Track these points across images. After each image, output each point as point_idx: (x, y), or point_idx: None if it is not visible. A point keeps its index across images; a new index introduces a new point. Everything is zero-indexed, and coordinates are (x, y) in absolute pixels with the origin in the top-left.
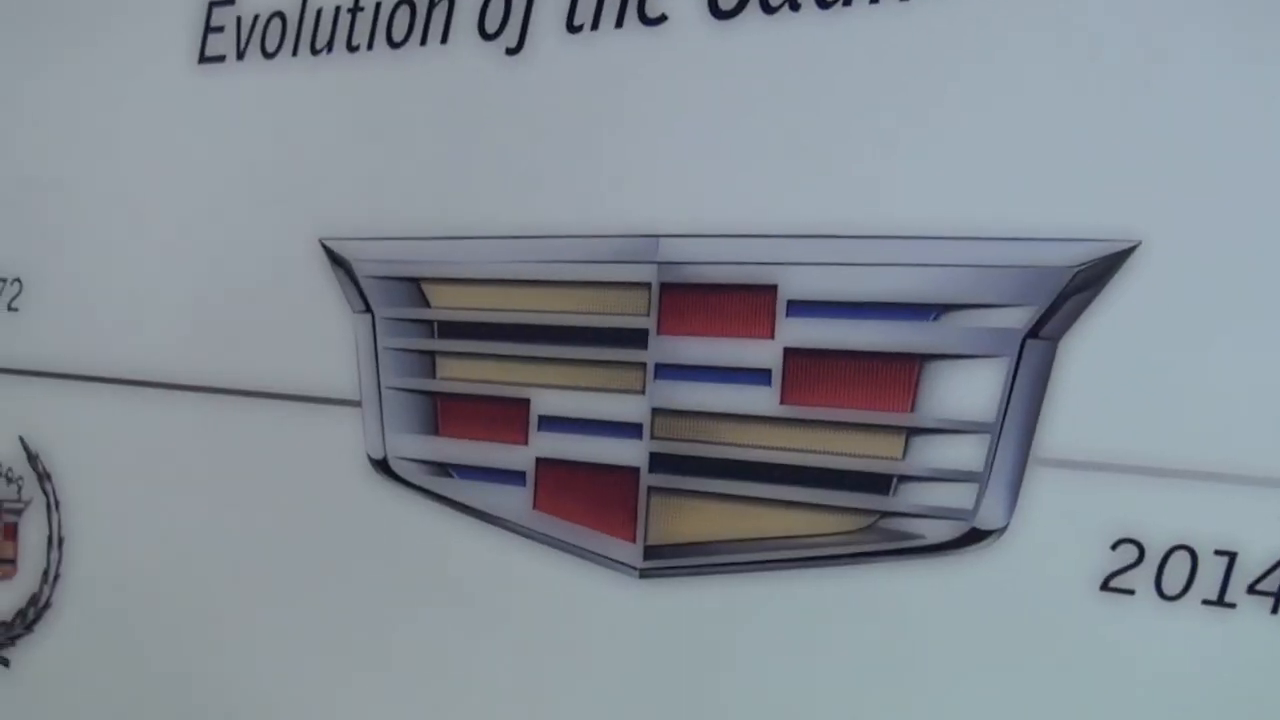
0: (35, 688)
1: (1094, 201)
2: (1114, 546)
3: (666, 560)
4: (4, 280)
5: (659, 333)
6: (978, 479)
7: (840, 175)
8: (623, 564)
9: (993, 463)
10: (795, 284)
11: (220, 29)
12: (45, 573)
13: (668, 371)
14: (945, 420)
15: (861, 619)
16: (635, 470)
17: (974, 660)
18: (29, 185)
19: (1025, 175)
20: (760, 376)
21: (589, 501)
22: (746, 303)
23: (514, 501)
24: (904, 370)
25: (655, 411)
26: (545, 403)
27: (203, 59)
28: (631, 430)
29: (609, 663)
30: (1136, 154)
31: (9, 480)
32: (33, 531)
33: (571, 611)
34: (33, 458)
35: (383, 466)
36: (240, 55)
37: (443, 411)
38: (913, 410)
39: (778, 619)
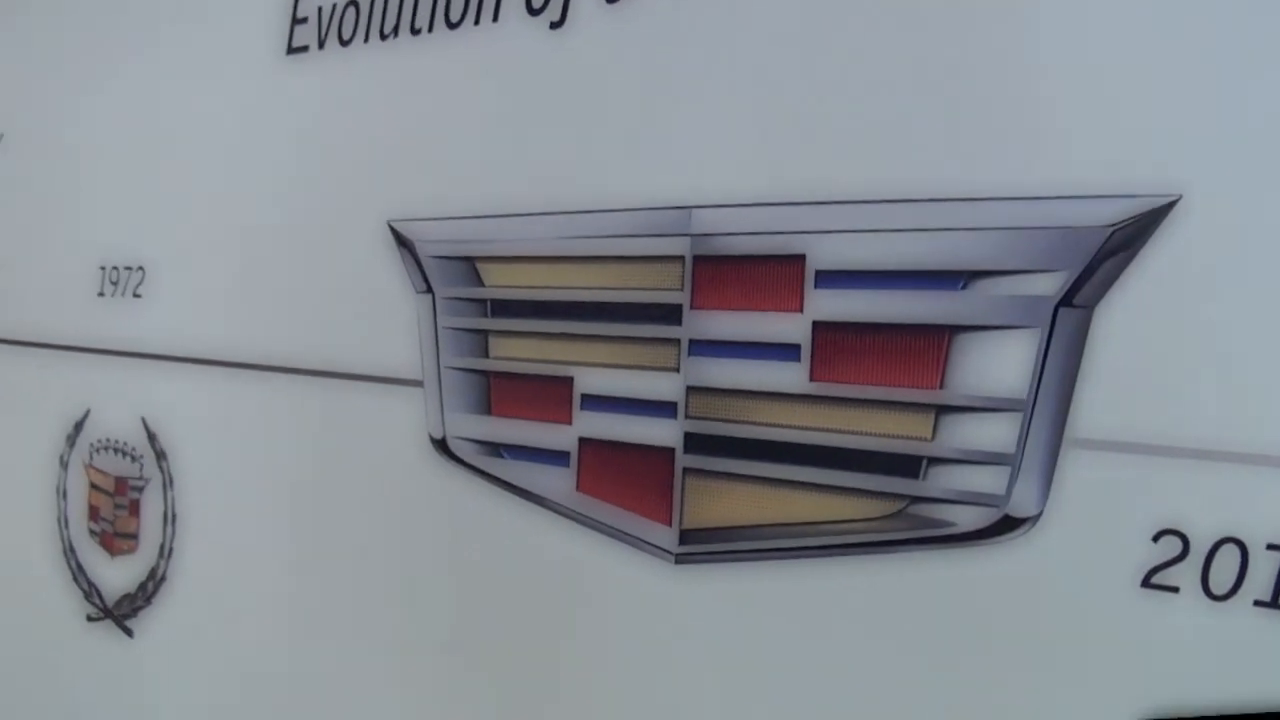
0: (156, 656)
1: (1129, 153)
2: (1156, 539)
3: (701, 545)
4: (129, 269)
5: (692, 307)
6: (1009, 461)
7: (866, 138)
8: (660, 548)
9: (1025, 444)
10: (823, 253)
11: (304, 20)
12: (161, 547)
13: (701, 348)
14: (975, 397)
15: (883, 613)
16: (670, 451)
17: (1004, 663)
18: (149, 180)
19: (1052, 128)
20: (789, 352)
21: (627, 483)
22: (775, 274)
23: (558, 482)
24: (932, 343)
25: (690, 390)
26: (587, 381)
27: (290, 50)
28: (667, 409)
29: (645, 653)
30: (1173, 100)
31: (133, 459)
32: (152, 509)
33: (608, 599)
34: (152, 437)
35: (442, 446)
36: (321, 44)
37: (495, 391)
38: (942, 386)
39: (807, 611)
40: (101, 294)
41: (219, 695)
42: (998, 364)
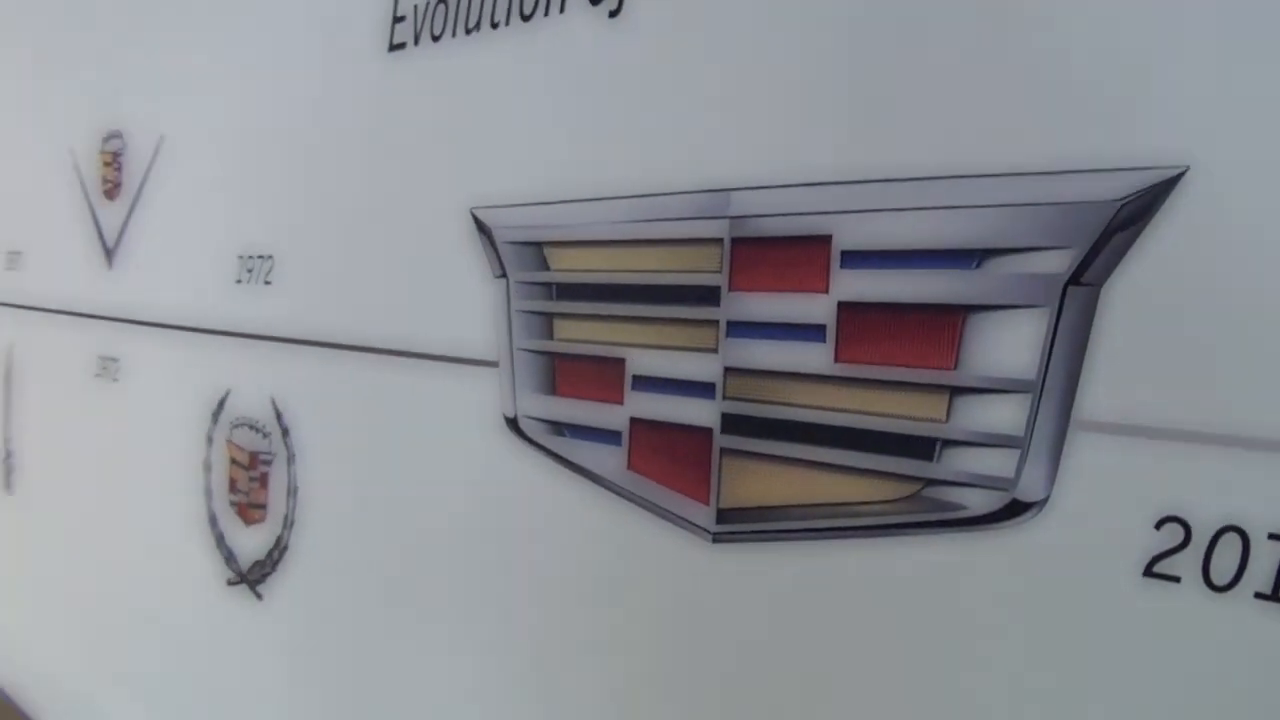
0: (282, 618)
1: (1132, 124)
2: (1158, 526)
3: (736, 525)
4: (261, 257)
5: (730, 289)
6: (1018, 444)
7: (886, 117)
8: (699, 527)
9: (1034, 426)
10: (848, 233)
11: (403, 19)
12: (285, 518)
13: (738, 329)
14: (987, 378)
15: (892, 596)
16: (709, 431)
17: (1006, 650)
18: (275, 174)
19: (1060, 101)
20: (816, 333)
21: (672, 463)
22: (805, 254)
23: (611, 461)
24: (948, 323)
25: (727, 370)
26: (637, 362)
27: (391, 48)
28: (707, 390)
29: (682, 628)
30: (1178, 67)
31: (263, 435)
32: (278, 481)
33: (650, 576)
34: (278, 414)
35: (513, 425)
36: (416, 41)
37: (558, 371)
38: (956, 367)
39: (827, 591)
40: (239, 281)
41: (331, 656)
42: (1008, 344)
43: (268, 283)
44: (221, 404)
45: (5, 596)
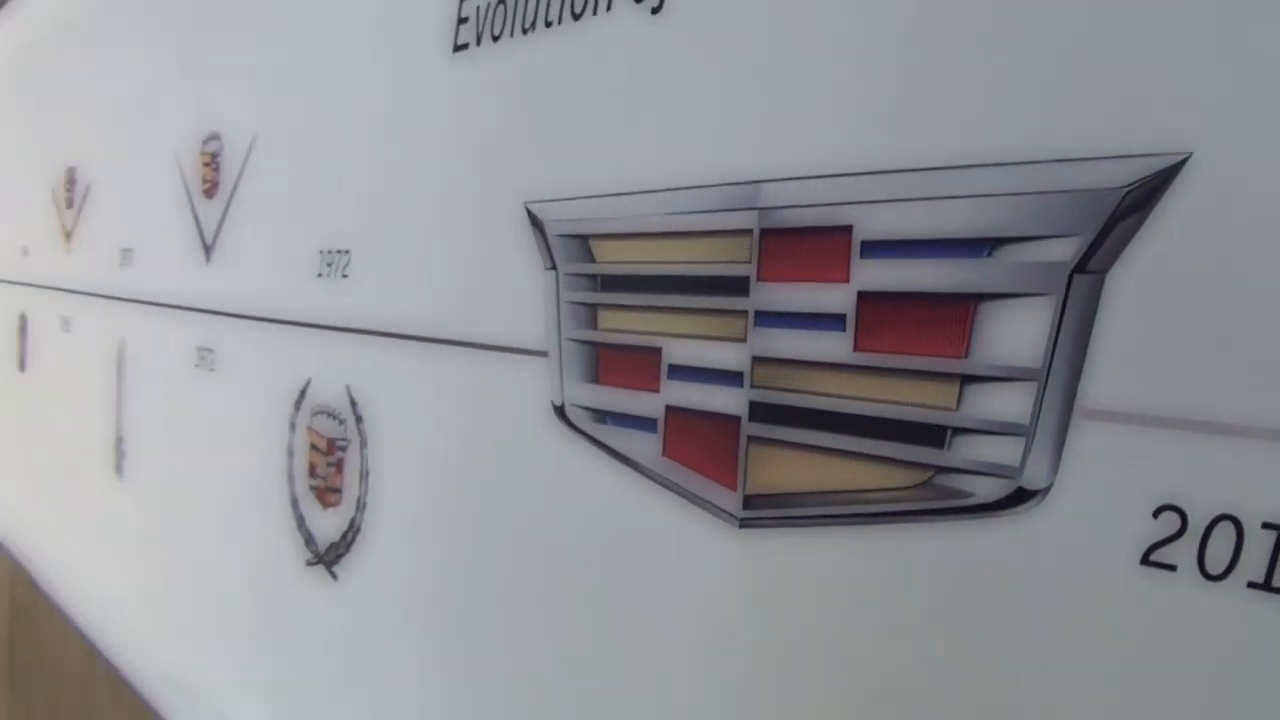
0: (357, 597)
1: (1134, 111)
2: (1156, 514)
3: (762, 511)
4: (339, 252)
5: (759, 279)
6: (1024, 432)
7: (908, 109)
8: (727, 513)
9: (1039, 414)
10: (869, 223)
11: (466, 20)
12: (358, 501)
13: (765, 319)
14: (995, 366)
15: (900, 581)
16: (738, 419)
17: (1007, 638)
18: (352, 169)
19: (1063, 88)
20: (836, 322)
21: (703, 449)
22: (828, 245)
23: (648, 448)
24: (959, 312)
25: (755, 359)
26: (673, 352)
27: (456, 48)
28: (736, 379)
29: (710, 614)
30: (1180, 53)
31: (339, 421)
32: (352, 466)
33: (679, 561)
34: (353, 402)
35: (560, 412)
36: (478, 41)
37: (601, 361)
38: (966, 356)
39: (843, 576)
40: (320, 275)
41: (398, 635)
42: (1016, 333)
43: (345, 276)
44: (303, 392)
45: (118, 575)
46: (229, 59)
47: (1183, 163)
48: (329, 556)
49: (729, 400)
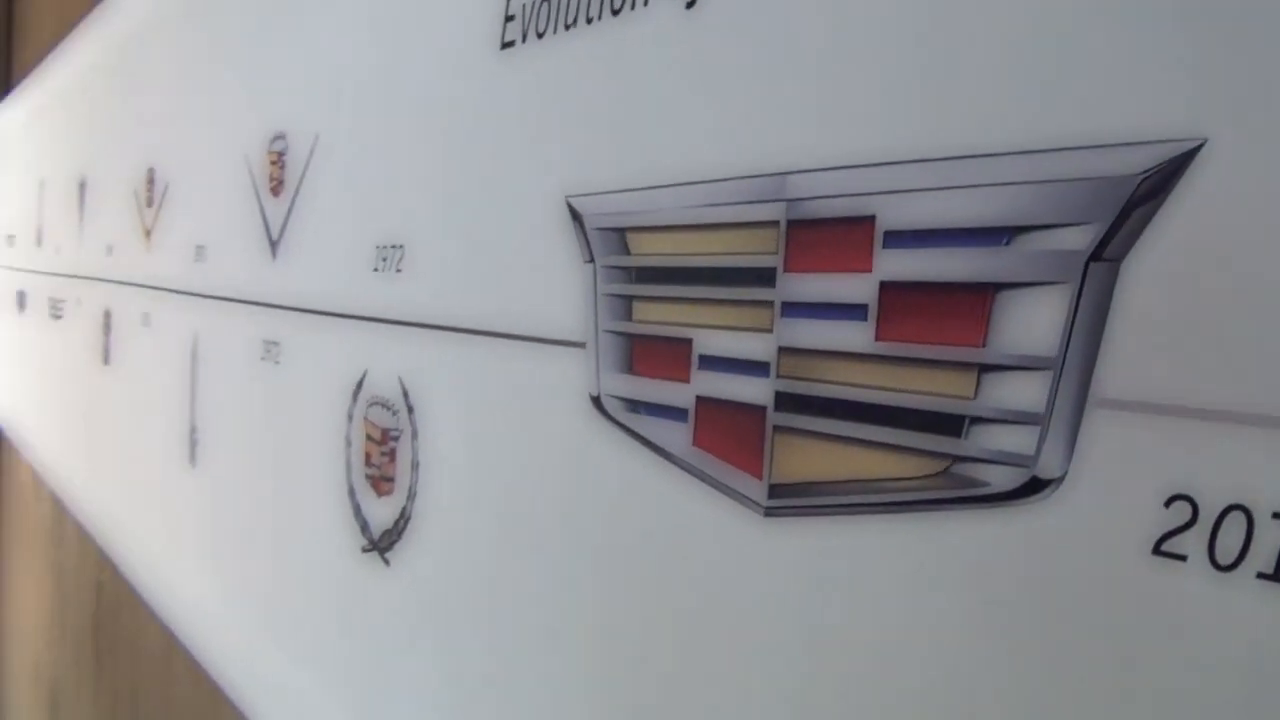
0: (408, 583)
1: (1149, 96)
2: (1167, 504)
3: (787, 499)
4: (394, 247)
5: (785, 270)
6: (1039, 421)
7: (931, 99)
8: (753, 501)
9: (1054, 403)
10: (891, 213)
11: (513, 18)
12: (409, 490)
13: (791, 309)
14: (1012, 355)
15: (917, 569)
16: (764, 409)
17: (1015, 630)
18: (406, 166)
19: (1076, 73)
20: (859, 312)
21: (731, 439)
22: (850, 235)
23: (678, 438)
24: (978, 301)
25: (780, 350)
26: (703, 342)
27: (503, 46)
28: (762, 369)
29: (737, 604)
30: (1189, 35)
31: (393, 412)
32: (404, 456)
33: (707, 549)
34: (405, 393)
35: (597, 403)
36: (524, 38)
37: (635, 352)
38: (984, 345)
39: (862, 565)
40: (376, 269)
41: (446, 620)
42: (1033, 321)
43: (398, 271)
44: (360, 384)
45: (191, 562)
46: (294, 60)
47: (1198, 148)
48: (382, 543)
49: (756, 390)
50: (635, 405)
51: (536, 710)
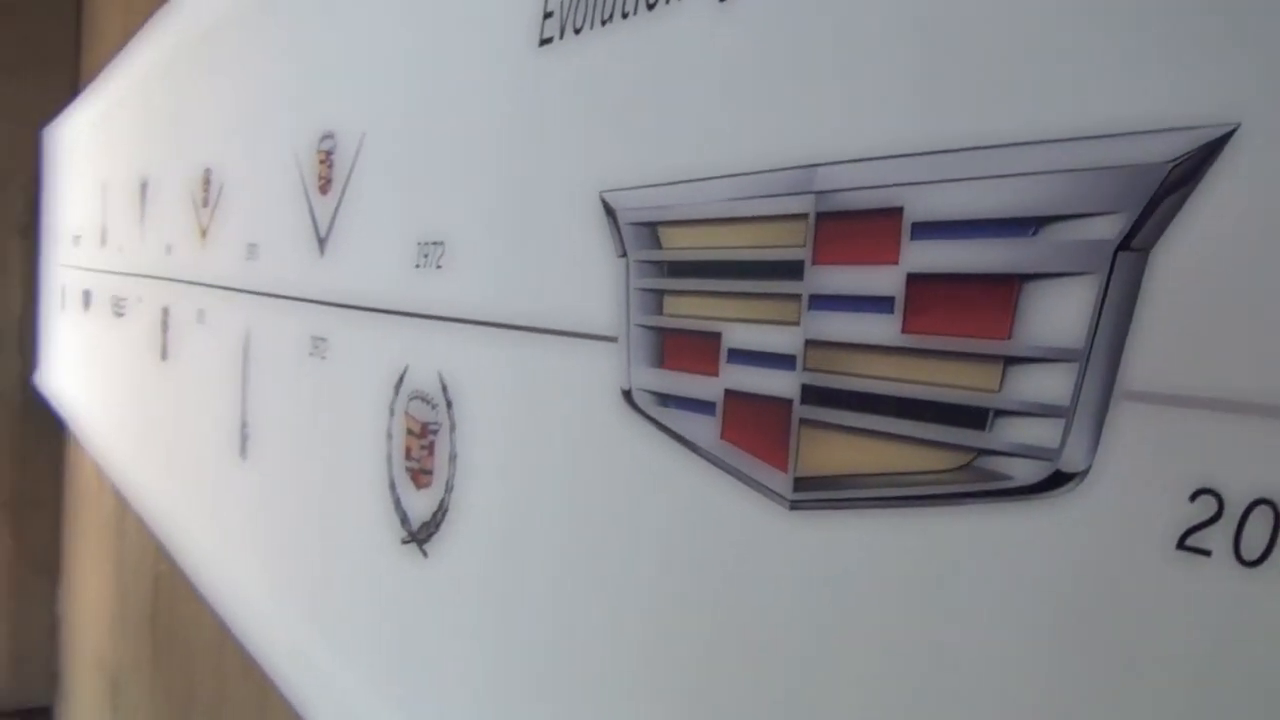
0: (446, 573)
1: (1180, 81)
2: (1193, 498)
3: (812, 493)
4: (435, 243)
5: (813, 263)
6: (1064, 414)
7: (958, 89)
8: (778, 494)
9: (1079, 396)
10: (920, 205)
11: (551, 14)
12: (447, 482)
13: (818, 302)
14: (1037, 347)
15: (939, 563)
16: (790, 402)
17: (1039, 625)
18: (446, 163)
19: (1104, 60)
20: (885, 305)
21: (758, 432)
22: (878, 227)
23: (706, 431)
24: (1004, 293)
25: (807, 343)
26: (732, 336)
27: (541, 43)
28: (789, 362)
29: (761, 598)
30: (1220, 17)
31: (432, 406)
32: (442, 449)
33: (734, 542)
34: (444, 387)
35: (628, 397)
36: (561, 34)
37: (666, 346)
38: (1010, 337)
39: (886, 558)
40: (418, 266)
41: (482, 612)
42: (1059, 312)
43: (439, 267)
44: (401, 378)
45: (241, 553)
46: (342, 59)
47: (1230, 134)
48: (421, 535)
49: (782, 383)
50: (665, 399)
51: (569, 696)
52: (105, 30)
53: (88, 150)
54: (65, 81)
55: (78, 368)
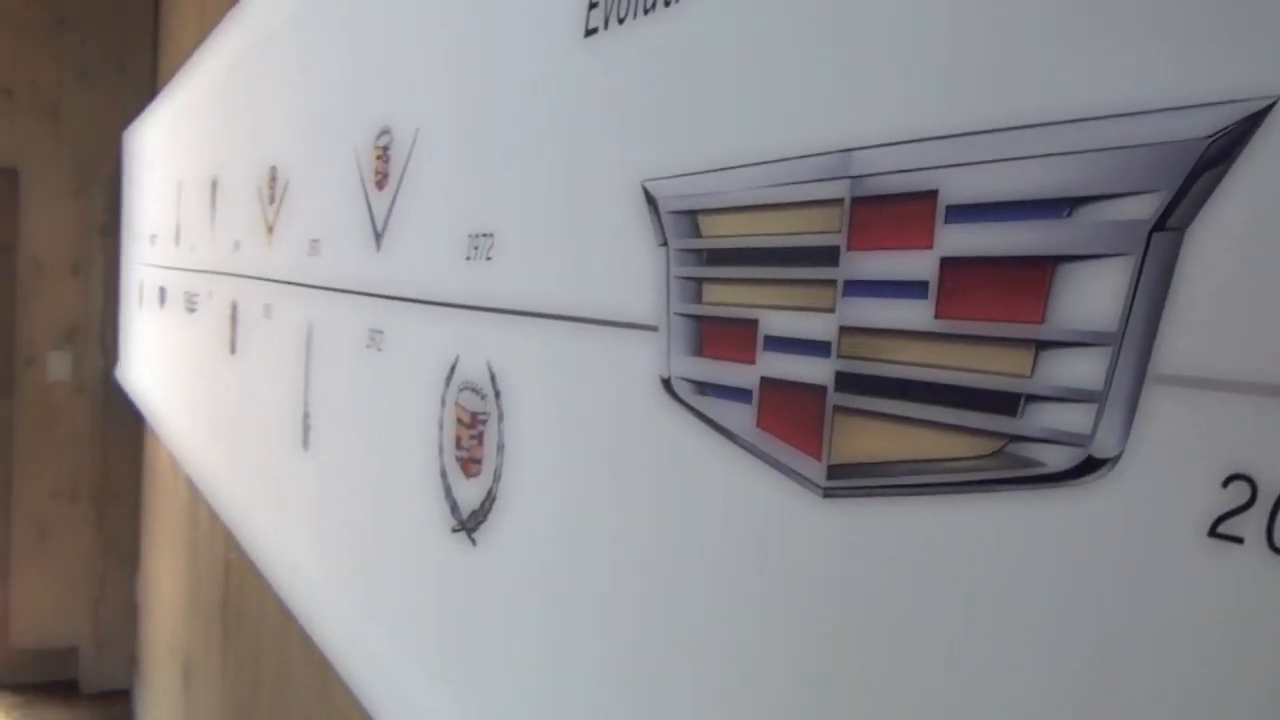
0: (494, 561)
1: (1215, 55)
2: (1225, 484)
3: (845, 480)
4: (485, 235)
5: (848, 249)
6: (1097, 399)
7: (992, 69)
8: (812, 482)
9: (1112, 380)
10: (954, 187)
11: (596, 4)
12: (495, 471)
13: (853, 288)
14: (1070, 331)
15: (970, 551)
16: (824, 389)
17: (1068, 613)
18: (496, 155)
19: (1138, 35)
20: (919, 289)
21: (793, 419)
22: (913, 211)
23: (743, 419)
24: (1038, 276)
25: (841, 329)
26: (768, 323)
27: (586, 33)
28: (824, 349)
29: (797, 586)
30: None
31: (481, 396)
32: (491, 438)
33: (768, 530)
34: (493, 377)
35: (667, 385)
36: (606, 25)
37: (704, 334)
38: (1043, 321)
39: (918, 546)
40: (468, 258)
41: (528, 598)
42: (1092, 295)
43: (489, 259)
44: (453, 369)
45: (303, 542)
46: (397, 55)
47: (1269, 108)
48: (470, 524)
49: (817, 370)
50: (703, 387)
51: (610, 680)
52: (181, 36)
53: (163, 152)
54: (144, 85)
55: (154, 362)
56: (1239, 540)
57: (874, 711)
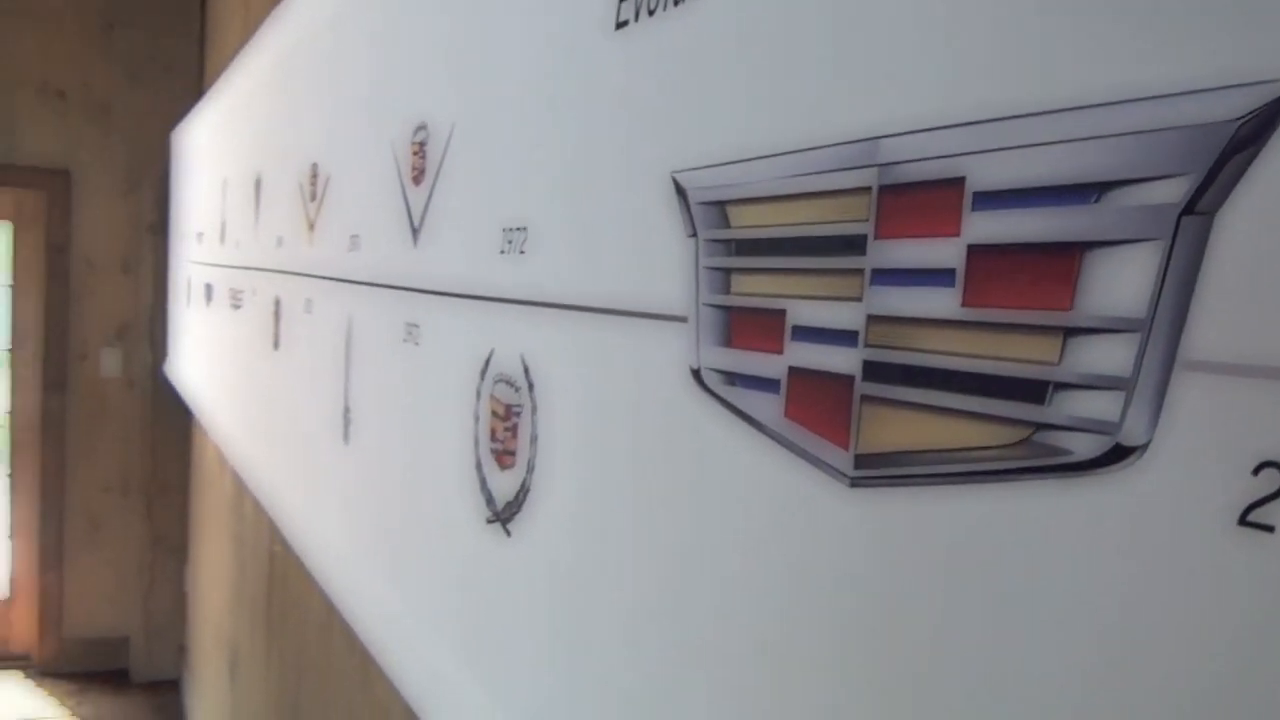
0: (527, 552)
1: (1246, 34)
2: (1256, 471)
3: (872, 470)
4: (519, 229)
5: (876, 237)
6: (1125, 386)
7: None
8: (839, 472)
9: (1140, 366)
10: (981, 174)
11: None
12: (529, 463)
13: (881, 276)
14: (1098, 317)
15: (998, 540)
16: (852, 378)
17: (1094, 603)
18: (529, 149)
19: (1165, 14)
20: (946, 277)
21: (820, 409)
22: (940, 198)
23: (772, 409)
24: (1065, 262)
25: (869, 318)
26: (796, 313)
27: (617, 26)
28: (851, 338)
29: (824, 576)
30: None
31: (515, 389)
32: (524, 430)
33: (795, 520)
34: (526, 370)
35: (697, 376)
36: (636, 17)
37: (733, 324)
38: (1071, 308)
39: (945, 536)
40: (502, 252)
41: (562, 589)
42: (1121, 281)
43: (522, 252)
44: (487, 362)
45: (345, 534)
46: (433, 51)
47: None
48: (504, 515)
49: (844, 360)
50: (732, 378)
51: (635, 669)
52: (226, 36)
53: (209, 151)
54: (191, 86)
55: (201, 358)
56: (1270, 529)
57: (900, 702)
